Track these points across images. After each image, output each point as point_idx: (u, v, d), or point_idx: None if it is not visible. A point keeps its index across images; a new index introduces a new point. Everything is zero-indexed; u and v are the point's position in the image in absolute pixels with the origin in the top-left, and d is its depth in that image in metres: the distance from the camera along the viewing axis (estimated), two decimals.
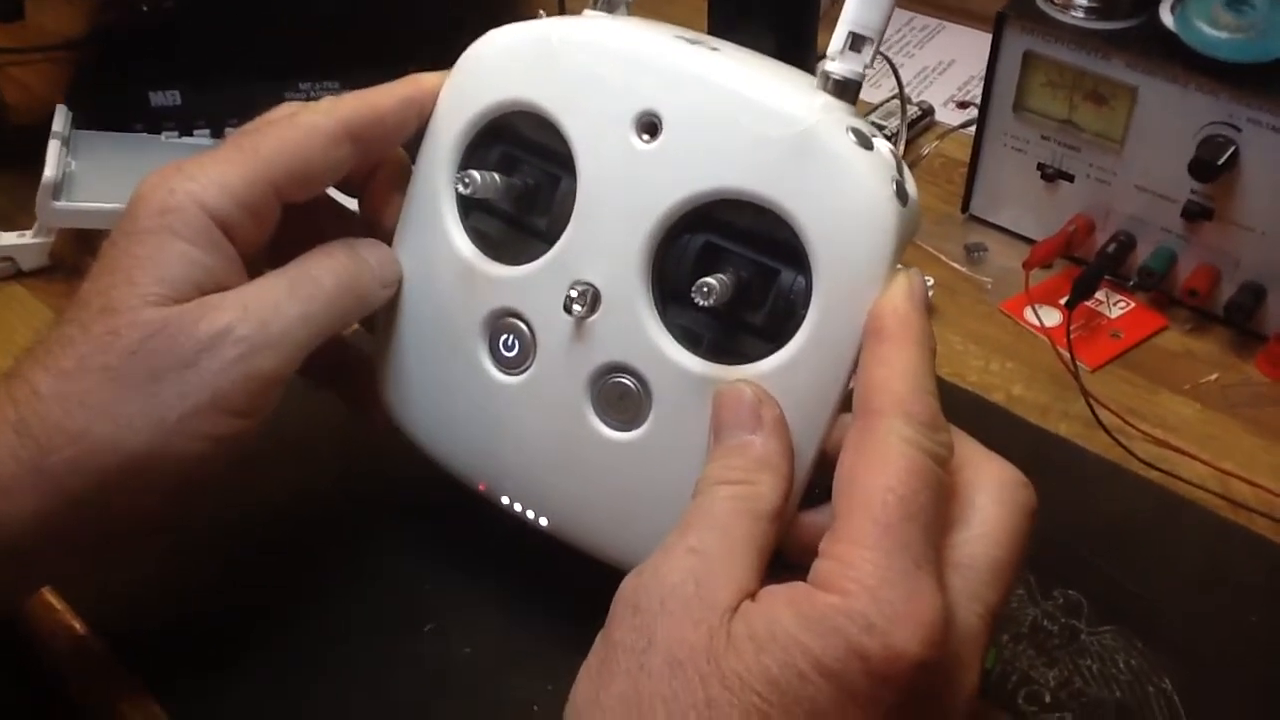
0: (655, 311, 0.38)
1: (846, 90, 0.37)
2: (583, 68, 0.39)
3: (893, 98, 0.72)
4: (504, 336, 0.41)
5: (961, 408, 0.54)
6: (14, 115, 0.77)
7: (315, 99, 0.69)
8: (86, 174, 0.60)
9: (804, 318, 0.36)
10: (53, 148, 0.60)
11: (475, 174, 0.39)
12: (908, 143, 0.69)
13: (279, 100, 0.68)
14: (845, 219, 0.35)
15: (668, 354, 0.38)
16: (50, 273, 0.63)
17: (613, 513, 0.41)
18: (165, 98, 0.66)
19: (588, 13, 0.41)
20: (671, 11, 0.85)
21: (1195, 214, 0.56)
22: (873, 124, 0.38)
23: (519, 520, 0.43)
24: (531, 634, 0.45)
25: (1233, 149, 0.53)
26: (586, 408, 0.40)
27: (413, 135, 0.42)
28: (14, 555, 0.36)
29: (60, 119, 0.63)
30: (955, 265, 0.62)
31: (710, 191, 0.37)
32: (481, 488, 0.44)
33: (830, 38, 0.37)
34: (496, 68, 0.40)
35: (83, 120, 0.65)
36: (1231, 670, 0.43)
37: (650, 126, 0.37)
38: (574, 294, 0.38)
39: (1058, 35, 0.57)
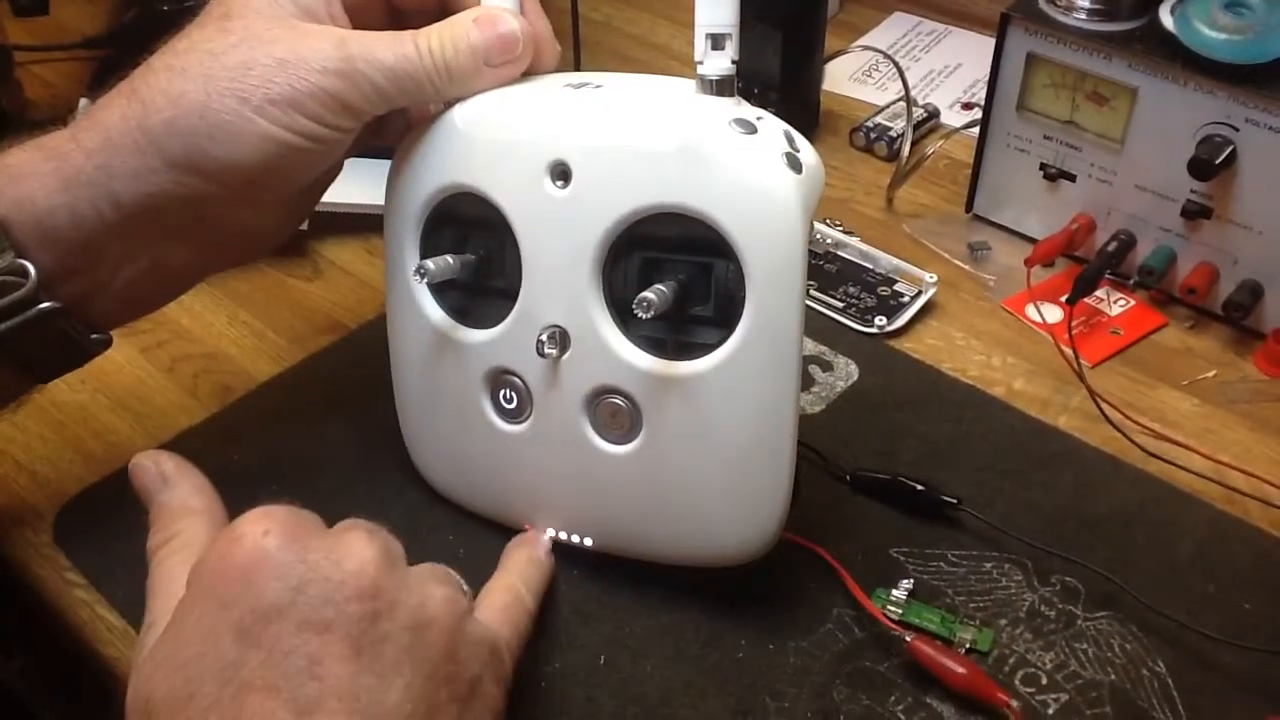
0: (618, 331, 0.42)
1: (724, 86, 0.41)
2: (491, 141, 0.42)
3: (899, 100, 0.74)
4: (502, 392, 0.45)
5: (960, 399, 0.55)
6: (35, 111, 0.78)
7: None
8: None
9: (745, 298, 0.40)
10: None
11: (429, 264, 0.43)
12: (913, 143, 0.70)
13: None
14: (748, 202, 0.39)
15: (639, 366, 0.42)
16: None
17: (642, 517, 0.45)
18: None
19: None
20: (677, 13, 0.86)
21: (1194, 213, 0.57)
22: (758, 108, 0.42)
23: (569, 546, 0.47)
24: (537, 616, 0.46)
25: (1231, 148, 0.54)
26: (589, 433, 0.44)
27: None
28: (119, 214, 0.41)
29: (83, 112, 0.64)
30: (958, 263, 0.63)
31: (628, 214, 0.41)
32: (528, 528, 0.48)
33: (835, 41, 0.39)
34: (420, 164, 0.44)
35: None
36: (1224, 655, 0.44)
37: (562, 173, 0.41)
38: (543, 339, 0.42)
39: (1060, 37, 0.58)
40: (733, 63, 0.41)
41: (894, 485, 0.50)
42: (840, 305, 0.60)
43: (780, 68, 0.69)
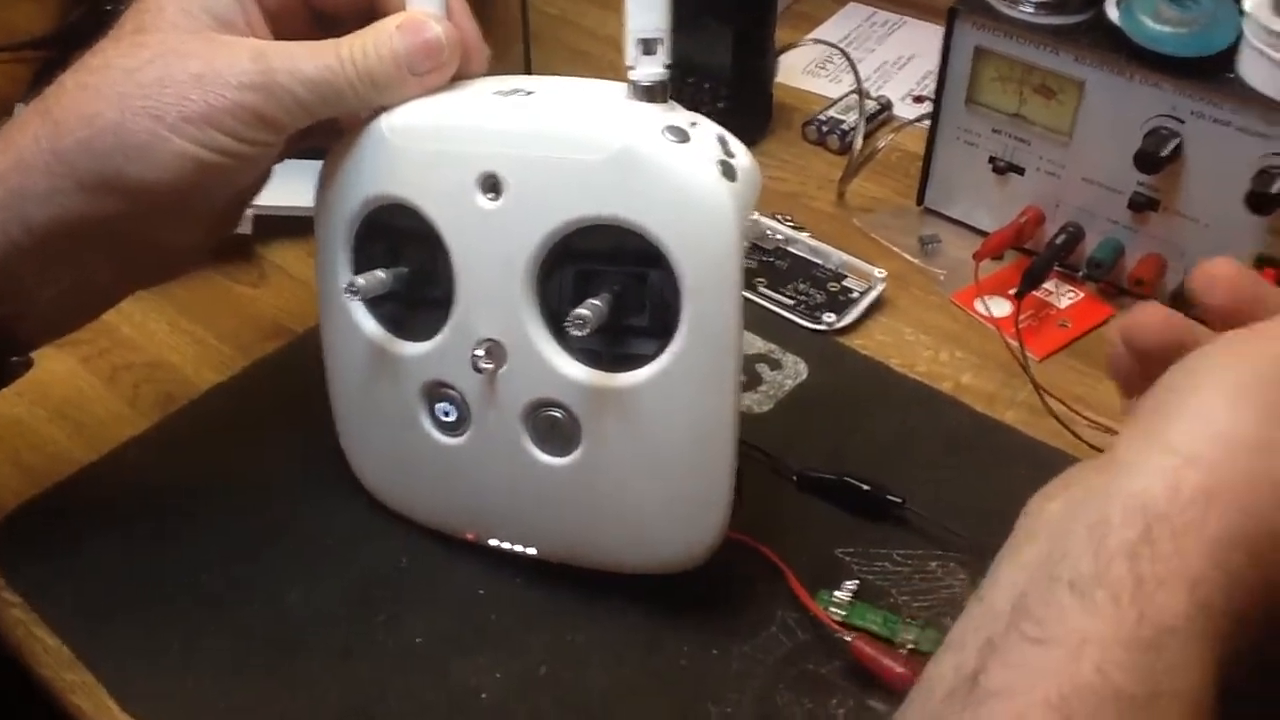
0: (555, 344, 0.42)
1: (655, 92, 0.40)
2: (419, 151, 0.42)
3: (851, 93, 0.73)
4: (439, 405, 0.45)
5: (908, 395, 0.55)
6: None
7: None
8: None
9: (681, 308, 0.39)
10: None
11: (360, 280, 0.42)
12: (866, 136, 0.70)
13: None
14: (683, 213, 0.38)
15: (576, 378, 0.42)
16: None
17: (584, 526, 0.45)
18: None
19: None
20: (611, 15, 0.86)
21: (1141, 205, 0.57)
22: (692, 112, 0.41)
23: (512, 555, 0.47)
24: (480, 625, 0.46)
25: (1177, 141, 0.54)
26: (529, 446, 0.44)
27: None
28: (31, 238, 0.40)
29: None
30: (909, 257, 0.63)
31: (561, 227, 0.40)
32: (471, 537, 0.47)
33: (790, 33, 0.38)
34: (349, 174, 0.43)
35: None
36: None
37: (492, 186, 0.40)
38: (479, 353, 0.41)
39: (1007, 30, 0.58)
40: (665, 67, 0.40)
41: (840, 485, 0.50)
42: (790, 302, 0.60)
43: (731, 63, 0.68)
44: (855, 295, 0.60)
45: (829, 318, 0.58)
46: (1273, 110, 0.51)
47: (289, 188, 0.65)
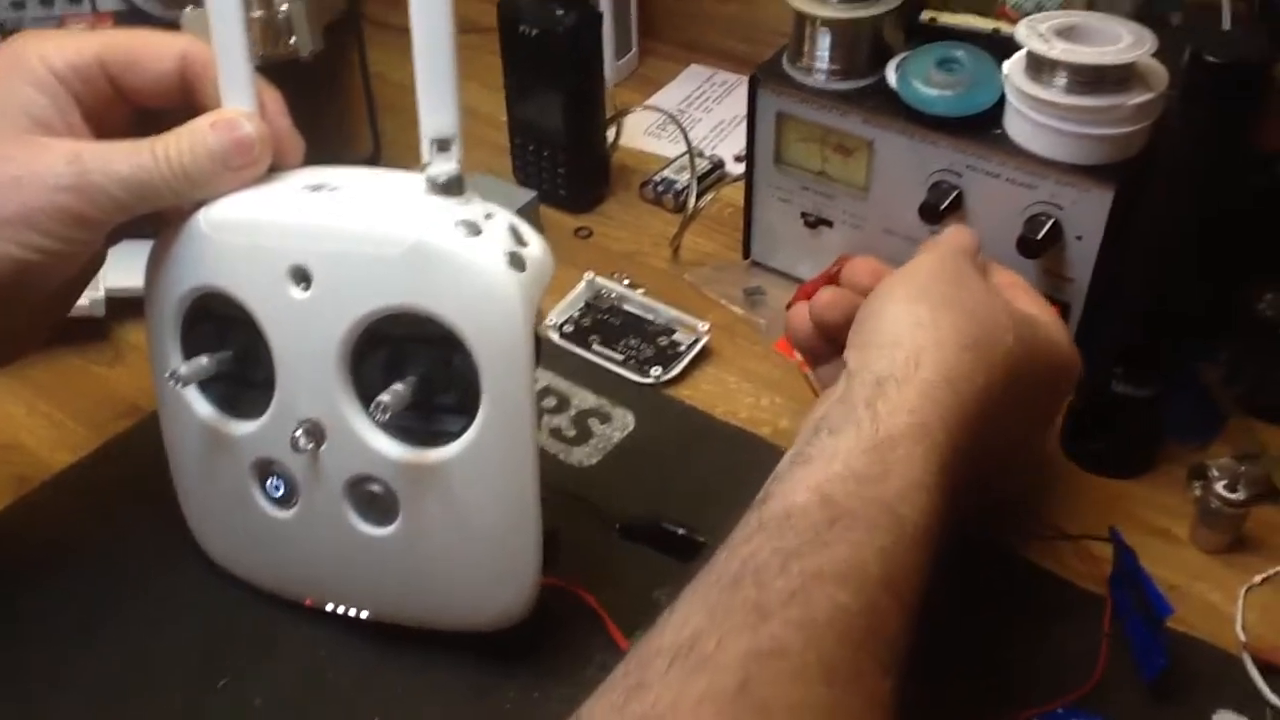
0: (369, 423, 0.45)
1: (451, 186, 0.43)
2: (235, 245, 0.45)
3: (684, 155, 0.77)
4: (270, 480, 0.48)
5: (727, 442, 0.59)
6: None
7: None
8: None
9: (481, 388, 0.43)
10: None
11: (183, 369, 0.46)
12: (700, 194, 0.74)
13: None
14: (472, 302, 0.42)
15: (390, 455, 0.45)
16: None
17: (408, 591, 0.48)
18: None
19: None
20: (487, 76, 0.89)
21: None
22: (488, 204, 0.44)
23: (348, 618, 0.50)
24: (317, 684, 0.49)
25: (956, 193, 0.59)
26: (353, 518, 0.47)
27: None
28: None
29: None
30: (734, 308, 0.67)
31: (366, 315, 0.43)
32: (309, 602, 0.50)
33: (634, 96, 0.41)
34: (172, 266, 0.46)
35: None
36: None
37: (303, 277, 0.44)
38: (298, 434, 0.45)
39: (804, 96, 0.62)
40: (458, 164, 0.43)
41: (656, 530, 0.53)
42: (620, 358, 0.63)
43: (565, 129, 0.72)
44: (682, 348, 0.64)
45: (656, 371, 0.62)
46: (1035, 163, 0.56)
47: (139, 269, 0.67)
